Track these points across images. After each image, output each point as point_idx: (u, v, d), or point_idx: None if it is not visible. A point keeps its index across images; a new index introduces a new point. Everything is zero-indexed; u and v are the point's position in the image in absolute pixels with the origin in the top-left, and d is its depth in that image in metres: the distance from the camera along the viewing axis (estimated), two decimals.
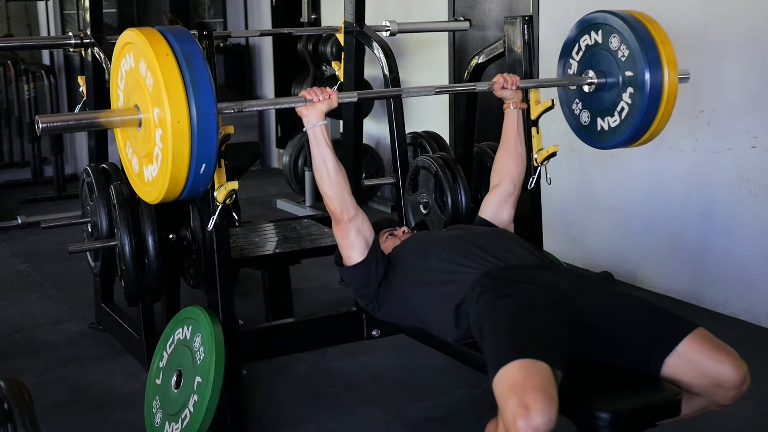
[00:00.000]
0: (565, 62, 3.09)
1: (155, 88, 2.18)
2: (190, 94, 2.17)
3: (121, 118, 2.31)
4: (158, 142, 2.22)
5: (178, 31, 2.28)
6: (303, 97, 2.56)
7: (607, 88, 2.95)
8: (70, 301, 4.37)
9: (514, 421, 1.96)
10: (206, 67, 2.22)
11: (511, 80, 2.89)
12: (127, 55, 2.33)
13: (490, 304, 2.34)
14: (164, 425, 2.82)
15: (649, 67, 2.81)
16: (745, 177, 3.89)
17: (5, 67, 7.04)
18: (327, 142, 2.59)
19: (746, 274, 3.97)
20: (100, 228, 3.25)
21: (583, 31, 3.01)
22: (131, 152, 2.42)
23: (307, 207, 6.07)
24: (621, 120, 2.93)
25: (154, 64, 2.17)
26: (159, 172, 2.27)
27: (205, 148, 2.21)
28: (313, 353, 3.58)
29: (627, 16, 2.88)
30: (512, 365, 2.08)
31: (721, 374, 2.21)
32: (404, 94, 3.03)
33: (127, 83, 2.35)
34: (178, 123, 2.16)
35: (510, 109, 2.95)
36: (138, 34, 2.25)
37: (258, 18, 7.73)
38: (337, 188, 2.61)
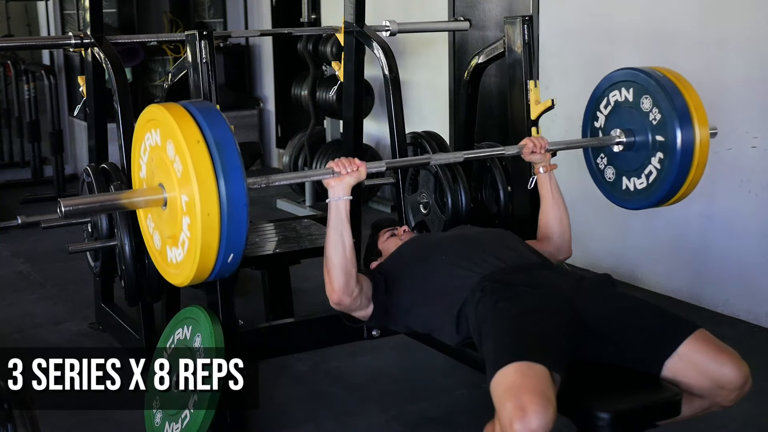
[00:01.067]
0: (592, 115, 3.00)
1: (184, 176, 2.06)
2: (221, 185, 2.05)
3: (145, 199, 2.19)
4: (185, 230, 2.11)
5: (209, 112, 2.15)
6: (331, 168, 2.45)
7: (635, 149, 2.86)
8: (70, 301, 4.36)
9: (510, 424, 1.96)
10: (238, 155, 2.10)
11: (539, 144, 2.78)
12: (152, 131, 2.19)
13: (490, 307, 2.34)
14: (164, 425, 2.82)
15: (682, 135, 2.72)
16: (745, 177, 3.89)
17: (5, 67, 7.04)
18: (348, 217, 2.45)
19: (746, 274, 3.97)
20: (100, 228, 3.25)
21: (613, 86, 2.92)
22: (153, 227, 2.30)
23: (307, 207, 6.07)
24: (648, 183, 2.85)
25: (183, 150, 2.05)
26: (185, 259, 2.16)
27: (235, 239, 2.10)
28: (313, 353, 3.58)
29: (660, 78, 2.78)
30: (510, 368, 2.07)
31: (723, 375, 2.21)
32: (432, 161, 2.87)
33: (151, 159, 2.22)
34: (208, 215, 2.04)
35: (540, 174, 2.83)
36: (166, 114, 2.11)
37: (258, 18, 7.72)
38: (349, 266, 2.47)
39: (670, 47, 4.15)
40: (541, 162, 2.81)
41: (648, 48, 4.28)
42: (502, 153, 2.85)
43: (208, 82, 2.82)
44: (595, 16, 4.54)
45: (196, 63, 2.83)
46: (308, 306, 4.10)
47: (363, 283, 2.54)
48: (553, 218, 2.83)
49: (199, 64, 2.82)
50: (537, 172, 2.83)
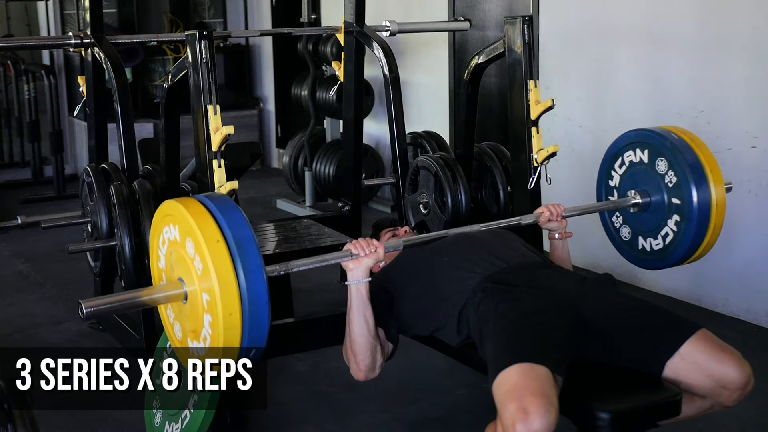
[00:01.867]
0: (607, 174, 3.01)
1: (205, 274, 2.03)
2: (242, 284, 2.02)
3: (166, 295, 2.16)
4: (207, 327, 2.08)
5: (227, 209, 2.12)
6: (349, 250, 2.44)
7: (651, 210, 2.86)
8: (70, 301, 4.36)
9: (513, 425, 1.96)
10: (258, 252, 2.07)
11: (556, 212, 2.75)
12: (170, 225, 2.17)
13: (491, 308, 2.33)
14: (164, 425, 2.82)
15: (698, 198, 2.72)
16: (745, 177, 3.89)
17: (5, 67, 7.04)
18: (369, 299, 2.43)
19: (746, 274, 3.97)
20: (100, 228, 3.25)
21: (628, 146, 2.92)
22: (173, 318, 2.28)
23: (307, 207, 6.06)
24: (665, 245, 2.85)
25: (203, 250, 2.02)
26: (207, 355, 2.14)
27: (257, 336, 2.09)
28: (313, 353, 3.58)
29: (676, 141, 2.77)
30: (512, 369, 2.07)
31: (726, 375, 2.21)
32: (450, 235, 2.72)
33: (170, 253, 2.20)
34: (230, 315, 2.02)
35: (555, 240, 2.80)
36: (184, 213, 2.08)
37: (258, 18, 7.72)
38: (374, 343, 2.45)
39: (670, 47, 4.15)
40: (557, 229, 2.78)
41: (648, 48, 4.28)
42: (519, 222, 2.79)
43: (208, 82, 2.82)
44: (595, 16, 4.54)
45: (196, 63, 2.83)
46: (308, 306, 4.10)
47: (383, 345, 2.52)
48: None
49: (199, 64, 2.82)
50: (551, 238, 2.81)
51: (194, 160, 3.07)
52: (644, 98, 4.30)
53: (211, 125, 2.78)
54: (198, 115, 2.83)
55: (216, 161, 2.78)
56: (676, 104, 4.11)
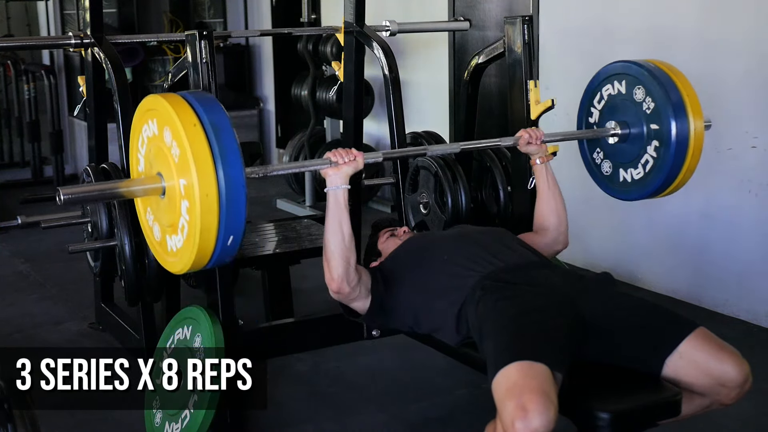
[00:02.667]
0: (586, 111, 3.02)
1: (182, 160, 2.08)
2: (219, 166, 2.06)
3: (143, 187, 2.21)
4: (184, 214, 2.12)
5: (205, 98, 2.18)
6: (328, 158, 2.47)
7: (631, 140, 2.87)
8: (70, 301, 4.36)
9: (512, 423, 1.96)
10: (234, 137, 2.12)
11: (535, 135, 2.80)
12: (149, 121, 2.22)
13: (490, 306, 2.34)
14: (164, 425, 2.82)
15: (676, 121, 2.74)
16: (745, 177, 3.89)
17: (5, 67, 7.04)
18: (347, 206, 2.47)
19: (746, 274, 3.97)
20: (100, 228, 3.25)
21: (606, 80, 2.94)
22: (152, 219, 2.31)
23: (307, 207, 6.07)
24: (645, 173, 2.86)
25: (180, 134, 2.07)
26: (185, 245, 2.17)
27: (234, 221, 2.11)
28: (313, 353, 3.58)
29: (652, 68, 2.80)
30: (511, 367, 2.07)
31: (724, 373, 2.21)
32: (429, 152, 2.89)
33: (149, 150, 2.24)
34: (207, 196, 2.05)
35: (536, 165, 2.85)
36: (162, 102, 2.14)
37: (258, 18, 7.72)
38: (348, 254, 2.49)
39: (670, 47, 4.15)
40: (537, 153, 2.83)
41: (648, 48, 4.27)
42: (498, 144, 2.90)
43: (208, 82, 2.82)
44: (595, 16, 4.54)
45: (196, 63, 2.83)
46: (308, 306, 4.10)
47: (362, 275, 2.56)
48: (549, 209, 2.85)
49: (199, 64, 2.82)
50: (533, 164, 2.85)
51: None
52: None
53: None
54: None
55: None
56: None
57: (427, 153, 2.85)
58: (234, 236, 2.14)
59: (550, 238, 2.83)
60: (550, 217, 2.84)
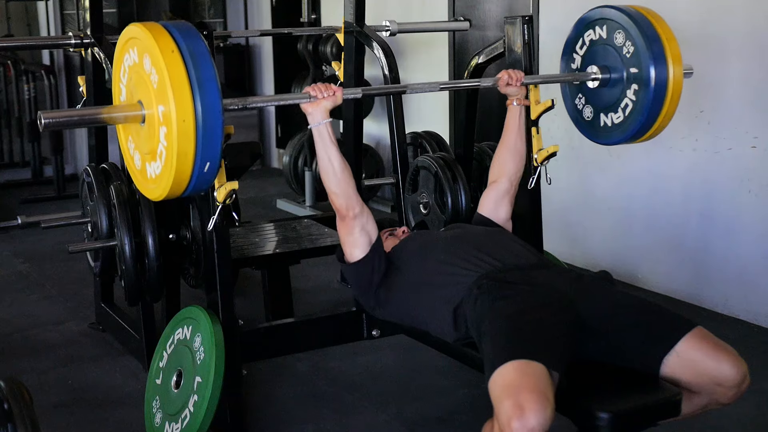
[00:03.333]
0: (569, 57, 3.08)
1: (160, 86, 2.15)
2: (196, 92, 2.13)
3: (124, 114, 2.28)
4: (162, 140, 2.18)
5: (184, 26, 2.24)
6: (307, 93, 2.53)
7: (611, 85, 2.93)
8: (70, 301, 4.36)
9: (508, 422, 1.96)
10: (212, 64, 2.19)
11: (515, 76, 2.89)
12: (130, 50, 2.28)
13: (488, 305, 2.34)
14: (164, 425, 2.82)
15: (655, 64, 2.78)
16: (745, 177, 3.89)
17: (5, 67, 7.04)
18: (332, 140, 2.56)
19: (746, 274, 3.97)
20: (100, 228, 3.25)
21: (588, 26, 2.99)
22: (133, 148, 2.39)
23: (307, 207, 6.07)
24: (625, 117, 2.92)
25: (159, 61, 2.13)
26: (163, 170, 2.24)
27: (210, 147, 2.17)
28: (313, 353, 3.58)
29: (632, 12, 2.85)
30: (508, 366, 2.08)
31: (721, 373, 2.21)
32: (409, 90, 3.04)
33: (130, 78, 2.31)
34: (184, 122, 2.12)
35: (513, 106, 2.95)
36: (143, 30, 2.20)
37: (258, 18, 7.73)
38: (343, 185, 2.59)
39: None
40: (515, 94, 2.93)
41: None
42: (479, 84, 3.03)
43: None
44: None
45: None
46: (308, 306, 4.10)
47: (368, 220, 2.65)
48: (514, 149, 2.93)
49: None
50: (509, 104, 2.95)
51: None
52: None
53: None
54: None
55: None
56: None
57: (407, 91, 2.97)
58: (210, 162, 2.20)
59: (502, 189, 2.89)
60: (511, 161, 2.92)
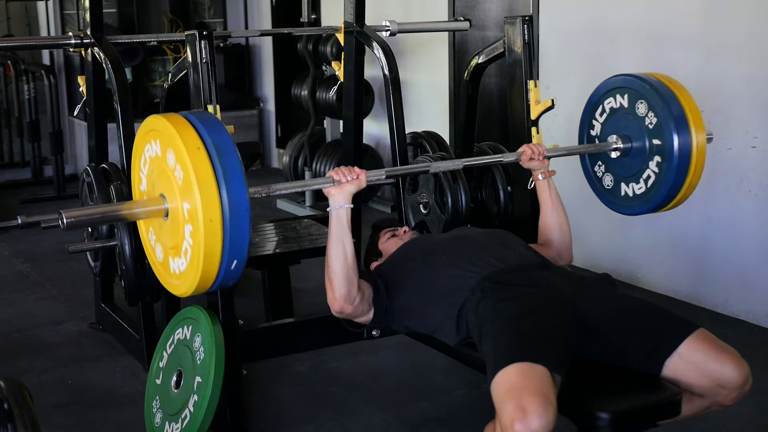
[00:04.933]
0: (588, 123, 2.99)
1: (185, 183, 2.04)
2: (222, 190, 2.02)
3: (146, 210, 2.18)
4: (188, 238, 2.08)
5: (207, 119, 2.14)
6: (331, 177, 2.44)
7: (633, 154, 2.84)
8: (70, 301, 4.36)
9: (511, 425, 1.96)
10: (238, 159, 2.09)
11: (537, 150, 2.77)
12: (152, 141, 2.18)
13: (490, 308, 2.33)
14: (164, 425, 2.82)
15: (678, 136, 2.69)
16: (745, 177, 3.89)
17: (5, 67, 7.04)
18: (350, 226, 2.45)
19: (746, 274, 3.97)
20: (100, 228, 3.25)
21: (608, 93, 2.90)
22: (155, 240, 2.28)
23: (307, 207, 6.07)
24: (647, 188, 2.83)
25: (184, 157, 2.03)
26: (188, 268, 2.14)
27: (238, 245, 2.07)
28: (313, 353, 3.58)
29: (654, 82, 2.77)
30: (510, 368, 2.07)
31: (724, 375, 2.21)
32: (432, 169, 2.86)
33: (151, 170, 2.21)
34: (211, 221, 2.01)
35: (539, 180, 2.82)
36: (165, 123, 2.10)
37: (258, 18, 7.73)
38: (351, 274, 2.46)
39: (670, 47, 4.15)
40: (539, 168, 2.80)
41: (648, 48, 4.28)
42: (501, 160, 2.83)
43: (208, 82, 2.82)
44: (595, 16, 4.54)
45: (196, 63, 2.83)
46: (308, 306, 4.10)
47: (364, 290, 2.53)
48: (552, 224, 2.82)
49: (199, 64, 2.82)
50: (536, 179, 2.83)
51: None
52: None
53: None
54: None
55: None
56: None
57: (430, 170, 2.80)
58: (237, 260, 2.10)
59: (555, 253, 2.81)
60: (553, 232, 2.83)
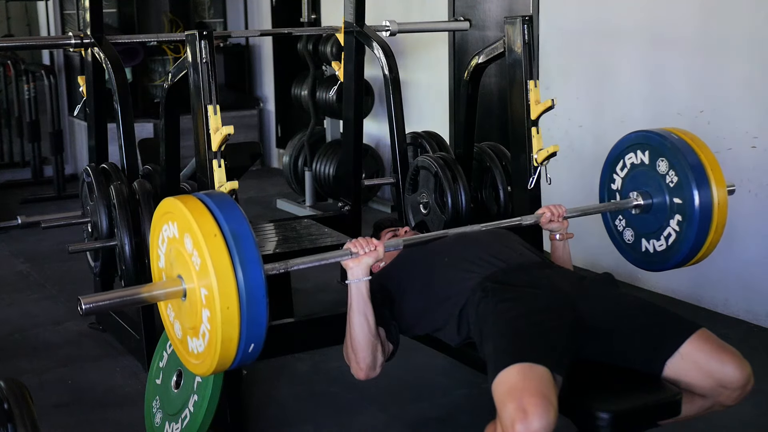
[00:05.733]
0: (609, 178, 2.99)
1: (203, 269, 2.04)
2: (240, 278, 2.02)
3: (165, 292, 2.17)
4: (206, 322, 2.08)
5: (224, 203, 2.13)
6: (348, 249, 2.43)
7: (654, 211, 2.83)
8: (70, 301, 4.36)
9: (512, 425, 1.96)
10: (255, 246, 2.08)
11: (557, 212, 2.76)
12: (169, 223, 2.18)
13: (491, 308, 2.33)
14: (164, 425, 2.82)
15: (700, 196, 2.69)
16: (745, 177, 3.89)
17: (5, 67, 7.04)
18: (369, 297, 2.42)
19: (746, 274, 3.97)
20: (100, 228, 3.26)
21: (629, 148, 2.90)
22: (174, 316, 2.28)
23: (307, 207, 6.07)
24: (668, 246, 2.83)
25: (201, 245, 2.03)
26: (206, 351, 2.13)
27: (255, 330, 2.09)
28: (313, 353, 3.58)
29: (675, 140, 2.75)
30: (511, 369, 2.08)
31: (725, 375, 2.21)
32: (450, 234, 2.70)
33: (169, 250, 2.21)
34: (228, 309, 2.02)
35: (556, 241, 2.80)
36: (182, 208, 2.09)
37: (258, 18, 7.73)
38: (375, 342, 2.45)
39: (670, 47, 4.15)
40: (558, 230, 2.78)
41: (648, 48, 4.28)
42: (520, 223, 2.78)
43: (208, 82, 2.82)
44: (595, 16, 4.54)
45: (196, 63, 2.83)
46: (308, 306, 4.10)
47: (382, 340, 2.50)
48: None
49: (199, 64, 2.82)
50: (552, 239, 2.81)
51: (194, 160, 3.07)
52: (644, 98, 4.30)
53: (211, 125, 2.78)
54: (198, 115, 2.83)
55: (216, 161, 2.78)
56: (676, 104, 4.11)
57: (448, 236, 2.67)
58: (255, 344, 2.11)
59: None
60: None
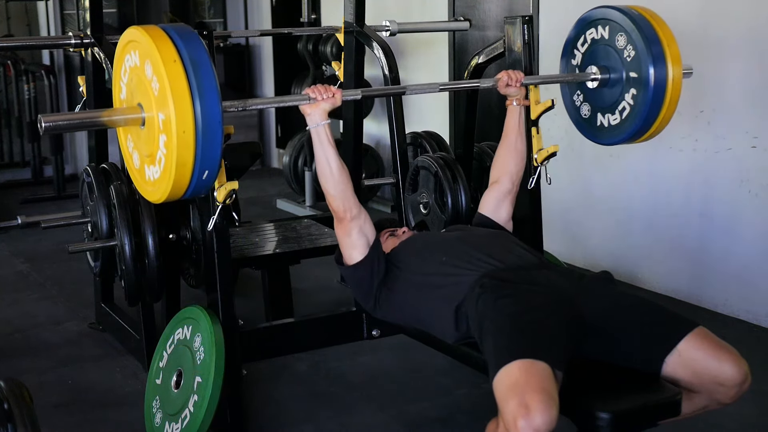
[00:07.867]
0: (570, 54, 3.07)
1: (161, 94, 2.14)
2: (196, 103, 2.13)
3: (124, 117, 2.29)
4: (162, 147, 2.19)
5: (185, 32, 2.22)
6: (307, 95, 2.54)
7: (610, 85, 2.93)
8: (70, 301, 4.37)
9: (514, 422, 1.96)
10: (213, 74, 2.19)
11: (515, 77, 2.89)
12: (132, 52, 2.27)
13: (490, 304, 2.34)
14: (164, 425, 2.82)
15: (654, 69, 2.77)
16: (745, 177, 3.89)
17: (5, 67, 7.04)
18: (330, 142, 2.57)
19: (746, 274, 3.97)
20: (100, 228, 3.25)
21: (590, 24, 2.98)
22: (132, 147, 2.39)
23: (307, 207, 6.07)
24: (621, 119, 2.91)
25: (161, 70, 2.13)
26: (161, 176, 2.24)
27: (210, 156, 2.18)
28: (313, 353, 3.58)
29: (635, 15, 2.84)
30: (512, 365, 2.08)
31: (723, 373, 2.21)
32: (408, 91, 3.05)
33: (131, 79, 2.31)
34: (184, 132, 2.12)
35: (513, 106, 2.95)
36: (144, 35, 2.18)
37: (258, 18, 7.73)
38: (341, 187, 2.59)
39: None
40: (515, 95, 2.93)
41: None
42: (478, 86, 3.03)
43: None
44: None
45: None
46: (308, 306, 4.10)
47: (365, 222, 2.66)
48: (512, 151, 2.92)
49: None
50: (509, 104, 2.95)
51: None
52: None
53: None
54: None
55: None
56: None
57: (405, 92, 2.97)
58: (209, 171, 2.22)
59: (504, 189, 2.89)
60: (511, 161, 2.91)
